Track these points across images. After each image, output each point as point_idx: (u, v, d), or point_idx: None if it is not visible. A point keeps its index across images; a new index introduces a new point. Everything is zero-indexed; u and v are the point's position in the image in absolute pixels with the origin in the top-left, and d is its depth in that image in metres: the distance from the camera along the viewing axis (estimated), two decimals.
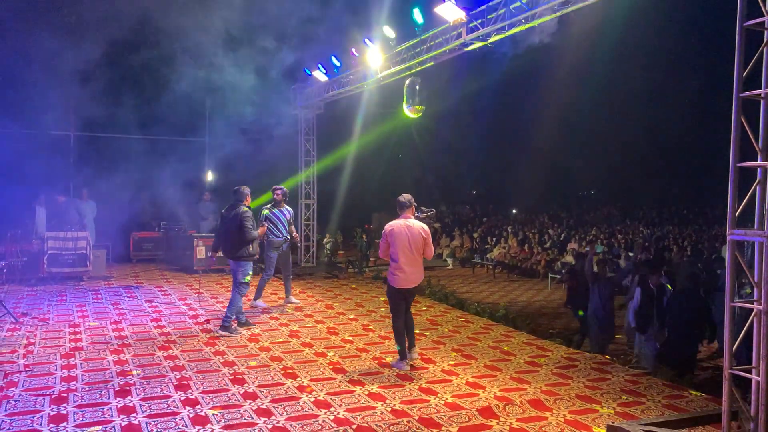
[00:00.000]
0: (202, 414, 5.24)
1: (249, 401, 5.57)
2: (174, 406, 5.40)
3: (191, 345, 7.55)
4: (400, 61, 9.54)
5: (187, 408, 5.36)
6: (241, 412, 5.31)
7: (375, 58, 9.80)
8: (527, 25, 7.13)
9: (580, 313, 9.32)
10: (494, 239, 20.89)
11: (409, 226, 6.77)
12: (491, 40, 7.68)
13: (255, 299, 9.88)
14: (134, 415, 5.20)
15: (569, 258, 16.80)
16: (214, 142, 17.71)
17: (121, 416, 5.17)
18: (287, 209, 9.80)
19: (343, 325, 8.77)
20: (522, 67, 19.66)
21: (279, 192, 9.75)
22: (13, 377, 6.16)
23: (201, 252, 13.24)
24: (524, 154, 28.96)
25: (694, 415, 5.28)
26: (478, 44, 7.90)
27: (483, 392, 5.98)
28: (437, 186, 30.29)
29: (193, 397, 5.66)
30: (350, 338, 8.01)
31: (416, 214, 7.12)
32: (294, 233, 9.91)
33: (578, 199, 34.27)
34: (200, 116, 17.80)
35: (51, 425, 4.97)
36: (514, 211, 28.89)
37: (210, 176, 17.86)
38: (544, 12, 6.82)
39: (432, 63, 8.98)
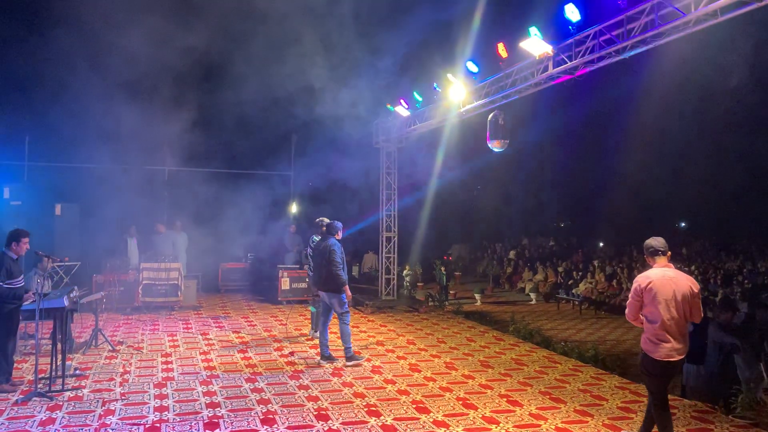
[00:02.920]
0: None
1: None
2: None
3: (276, 378, 7.65)
4: (483, 95, 9.50)
5: None
6: None
7: (458, 92, 9.81)
8: (618, 58, 6.94)
9: None
10: (580, 273, 20.19)
11: (674, 278, 5.31)
12: (579, 72, 7.52)
13: (314, 331, 9.98)
14: None
15: None
16: (299, 175, 18.18)
17: None
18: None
19: (425, 362, 8.65)
20: (608, 94, 19.17)
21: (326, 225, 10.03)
22: (110, 405, 6.42)
23: (285, 283, 13.50)
24: (611, 185, 28.02)
25: None
26: (566, 77, 7.76)
27: None
28: (519, 218, 29.75)
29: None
30: (433, 376, 7.88)
31: None
32: None
33: (669, 232, 32.71)
34: (286, 150, 18.34)
35: None
36: (600, 244, 27.88)
37: (295, 209, 18.28)
38: (636, 45, 6.62)
39: (517, 96, 8.90)
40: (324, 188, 16.89)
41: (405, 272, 19.25)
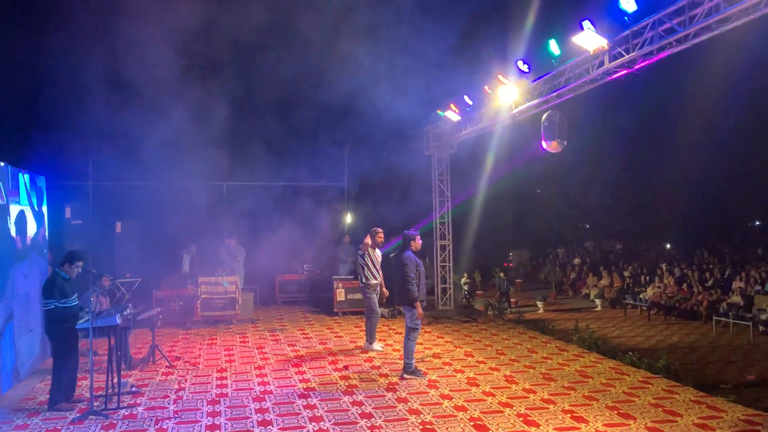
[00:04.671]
0: None
1: None
2: None
3: (330, 393, 7.48)
4: (536, 95, 9.12)
5: None
6: None
7: (509, 93, 9.46)
8: (679, 48, 6.48)
9: None
10: (648, 278, 19.31)
11: None
12: (637, 66, 7.07)
13: (369, 343, 9.78)
14: None
15: (736, 298, 15.09)
16: (353, 185, 18.12)
17: None
18: (380, 253, 10.04)
19: (484, 375, 8.30)
20: (671, 88, 18.28)
21: (382, 234, 10.01)
22: (162, 423, 6.39)
23: (341, 294, 13.38)
24: (678, 184, 26.79)
25: None
26: (624, 71, 7.32)
27: None
28: (581, 221, 28.81)
29: None
30: (492, 391, 7.53)
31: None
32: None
33: (741, 232, 31.01)
34: (339, 161, 18.33)
35: None
36: (668, 246, 26.67)
37: (349, 219, 18.21)
38: (700, 32, 6.15)
39: (571, 95, 8.48)
40: (377, 197, 16.76)
41: (463, 281, 18.87)
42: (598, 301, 19.01)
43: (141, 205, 13.66)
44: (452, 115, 11.44)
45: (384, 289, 10.22)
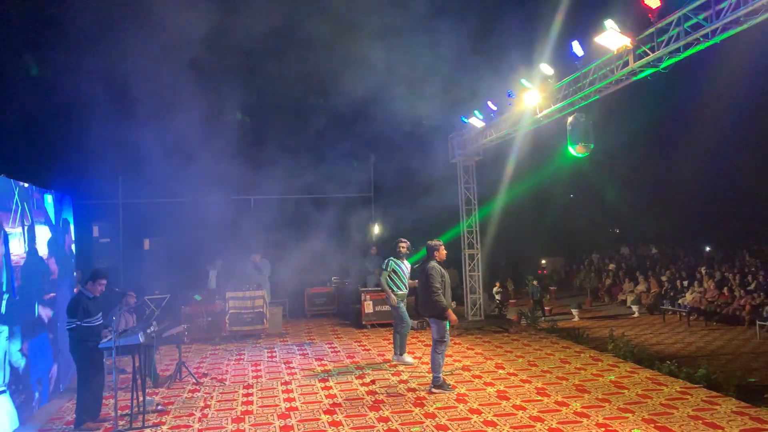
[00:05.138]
0: None
1: None
2: None
3: (356, 409, 7.33)
4: (561, 98, 8.88)
5: None
6: None
7: (533, 97, 9.25)
8: (706, 44, 6.20)
9: None
10: (686, 282, 18.73)
11: None
12: (664, 65, 6.81)
13: (400, 354, 9.61)
14: None
15: None
16: (380, 196, 18.02)
17: None
18: (407, 263, 9.88)
19: (514, 388, 8.06)
20: (706, 85, 17.70)
21: (404, 245, 9.88)
22: None
23: (369, 307, 13.25)
24: (716, 184, 26.02)
25: None
26: (650, 70, 7.06)
27: None
28: (617, 226, 28.19)
29: None
30: (523, 404, 7.29)
31: None
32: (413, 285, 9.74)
33: None
34: (365, 172, 18.26)
35: None
36: (707, 248, 25.87)
37: (377, 230, 18.09)
38: (729, 26, 5.88)
39: (597, 97, 8.23)
40: (404, 209, 16.63)
41: (495, 290, 18.56)
42: (635, 308, 18.50)
43: (169, 221, 13.76)
44: (476, 121, 11.26)
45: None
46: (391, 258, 9.93)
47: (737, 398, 7.25)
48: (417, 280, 8.58)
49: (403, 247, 9.88)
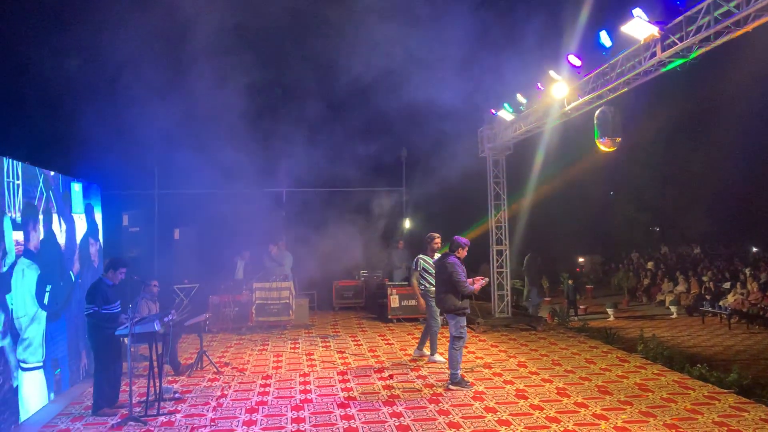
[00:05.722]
0: None
1: None
2: None
3: (370, 404, 7.26)
4: (588, 91, 8.59)
5: None
6: None
7: (561, 89, 8.97)
8: (738, 32, 5.88)
9: None
10: (729, 283, 18.06)
11: None
12: (693, 55, 6.50)
13: (432, 354, 9.43)
14: None
15: None
16: (411, 190, 17.89)
17: None
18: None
19: (534, 387, 7.87)
20: (746, 73, 16.89)
21: (438, 240, 9.63)
22: (197, 431, 6.35)
23: (395, 301, 13.18)
24: (763, 181, 24.97)
25: None
26: (679, 61, 6.75)
27: None
28: (658, 224, 27.39)
29: None
30: (540, 404, 7.10)
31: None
32: None
33: None
34: (398, 166, 18.14)
35: None
36: (754, 249, 24.91)
37: (408, 224, 17.97)
38: (760, 12, 5.55)
39: (626, 89, 7.93)
40: (434, 203, 16.46)
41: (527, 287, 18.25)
42: (673, 308, 17.94)
43: (200, 212, 13.90)
44: (505, 114, 11.01)
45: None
46: (420, 256, 9.70)
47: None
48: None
49: (437, 243, 9.64)
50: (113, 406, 7.11)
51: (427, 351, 9.63)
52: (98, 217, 9.65)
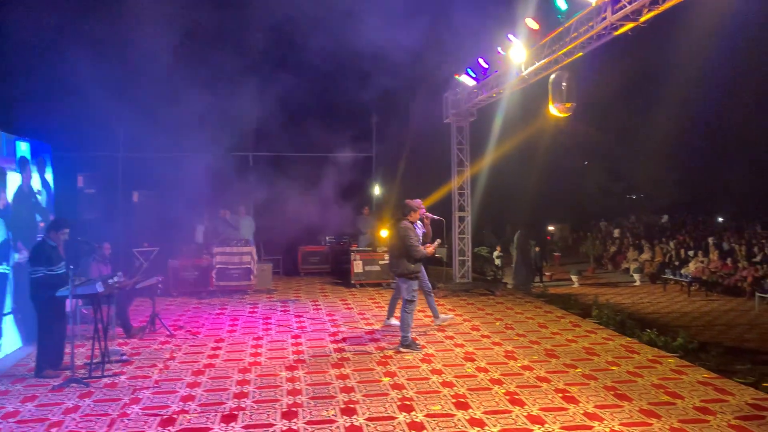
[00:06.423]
0: None
1: None
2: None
3: (319, 366, 7.28)
4: (544, 55, 8.51)
5: None
6: None
7: (519, 53, 8.87)
8: None
9: None
10: (692, 252, 18.38)
11: None
12: (644, 18, 6.43)
13: (435, 318, 9.41)
14: None
15: None
16: (381, 156, 17.76)
17: None
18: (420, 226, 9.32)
19: (483, 350, 7.93)
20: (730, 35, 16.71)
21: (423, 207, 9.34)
22: (140, 393, 6.31)
23: (358, 266, 13.17)
24: (736, 152, 25.24)
25: None
26: (630, 25, 6.68)
27: None
28: (628, 194, 27.66)
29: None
30: (486, 366, 7.17)
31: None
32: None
33: None
34: (368, 131, 17.96)
35: None
36: (720, 219, 25.32)
37: (377, 191, 17.89)
38: None
39: (581, 53, 7.85)
40: (403, 169, 16.37)
41: (495, 254, 18.40)
42: (636, 276, 18.25)
43: (162, 175, 13.64)
44: (467, 80, 10.89)
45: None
46: (408, 221, 9.42)
47: (707, 369, 7.05)
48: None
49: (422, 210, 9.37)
50: (57, 368, 7.02)
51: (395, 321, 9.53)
52: (49, 177, 9.42)
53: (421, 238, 9.07)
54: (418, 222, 9.06)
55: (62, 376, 6.87)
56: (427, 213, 9.19)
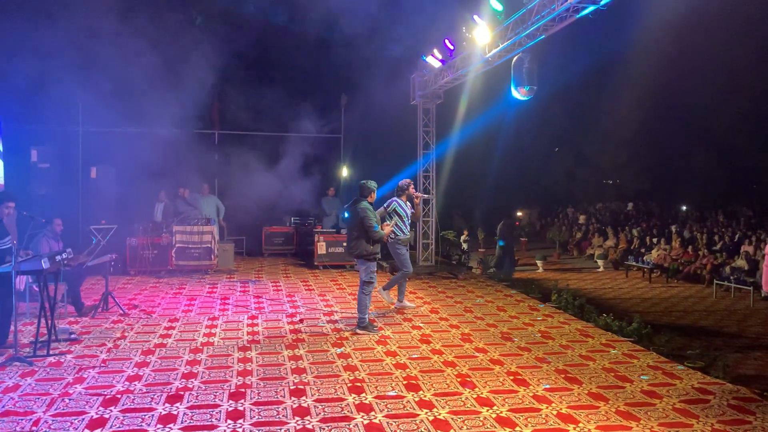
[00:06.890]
0: None
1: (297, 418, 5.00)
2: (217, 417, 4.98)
3: (272, 347, 7.18)
4: (507, 37, 8.43)
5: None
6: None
7: (483, 35, 8.78)
8: None
9: None
10: (656, 239, 18.61)
11: None
12: (604, 1, 6.38)
13: (400, 300, 9.32)
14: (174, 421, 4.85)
15: (741, 262, 14.41)
16: (349, 137, 17.61)
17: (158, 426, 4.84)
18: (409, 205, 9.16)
19: (440, 332, 7.92)
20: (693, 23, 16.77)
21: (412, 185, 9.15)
22: (84, 372, 6.15)
23: (322, 248, 13.07)
24: (697, 142, 25.57)
25: None
26: (591, 7, 6.63)
27: (574, 429, 4.87)
28: (594, 181, 27.92)
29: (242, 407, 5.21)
30: (441, 349, 7.15)
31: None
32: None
33: (764, 196, 29.69)
34: (336, 111, 17.78)
35: (86, 431, 4.76)
36: (683, 207, 25.71)
37: (345, 172, 17.75)
38: None
39: (543, 35, 7.79)
40: (371, 150, 16.24)
41: (463, 238, 18.42)
42: (600, 262, 18.43)
43: (123, 151, 13.30)
44: (433, 61, 10.77)
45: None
46: (395, 199, 9.03)
47: (660, 353, 7.13)
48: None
49: (412, 189, 9.06)
50: (2, 346, 6.83)
51: (408, 303, 9.48)
52: None
53: (409, 217, 9.03)
54: (407, 202, 9.01)
55: (6, 354, 6.67)
56: (416, 192, 9.16)
